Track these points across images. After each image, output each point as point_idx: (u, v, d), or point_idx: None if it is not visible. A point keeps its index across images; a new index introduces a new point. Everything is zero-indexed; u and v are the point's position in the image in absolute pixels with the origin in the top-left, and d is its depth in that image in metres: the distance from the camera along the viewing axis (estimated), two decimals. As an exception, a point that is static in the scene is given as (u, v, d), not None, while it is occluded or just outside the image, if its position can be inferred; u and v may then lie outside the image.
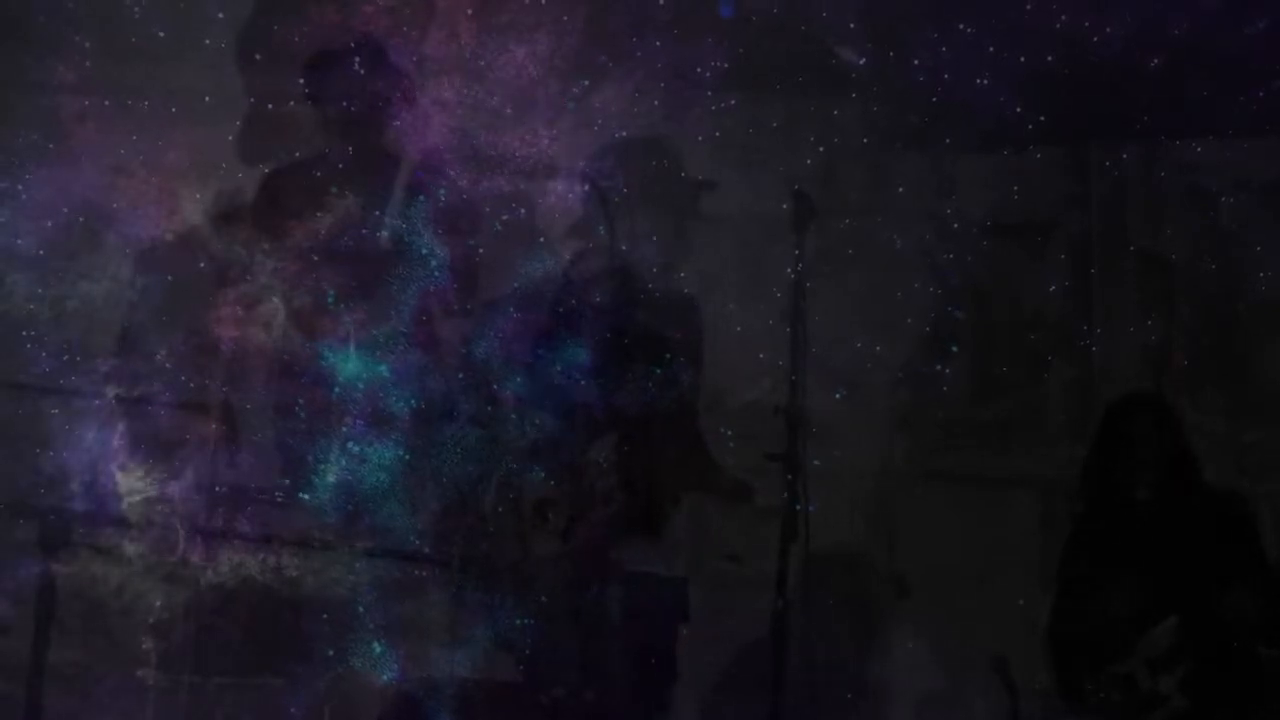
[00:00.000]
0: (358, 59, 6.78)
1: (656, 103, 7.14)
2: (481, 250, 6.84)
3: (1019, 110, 7.49)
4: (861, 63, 7.54)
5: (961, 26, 7.34)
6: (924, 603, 7.69)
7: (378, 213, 6.69)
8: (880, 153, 7.75)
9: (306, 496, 6.55)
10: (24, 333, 6.75)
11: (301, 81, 6.87)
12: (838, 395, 7.32)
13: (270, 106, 7.00)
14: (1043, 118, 7.60)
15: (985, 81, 7.33)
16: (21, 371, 6.75)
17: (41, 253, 6.77)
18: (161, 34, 6.90)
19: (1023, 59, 7.33)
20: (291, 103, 6.96)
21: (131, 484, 6.66)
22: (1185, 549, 6.59)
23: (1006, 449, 7.99)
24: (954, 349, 7.81)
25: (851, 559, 7.64)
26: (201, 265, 6.75)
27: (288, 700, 6.57)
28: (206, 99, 6.95)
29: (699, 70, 7.22)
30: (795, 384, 6.52)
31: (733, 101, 7.49)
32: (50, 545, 6.45)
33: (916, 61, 7.42)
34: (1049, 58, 7.33)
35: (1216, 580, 6.47)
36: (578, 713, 6.37)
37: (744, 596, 7.06)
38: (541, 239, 6.99)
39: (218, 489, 6.63)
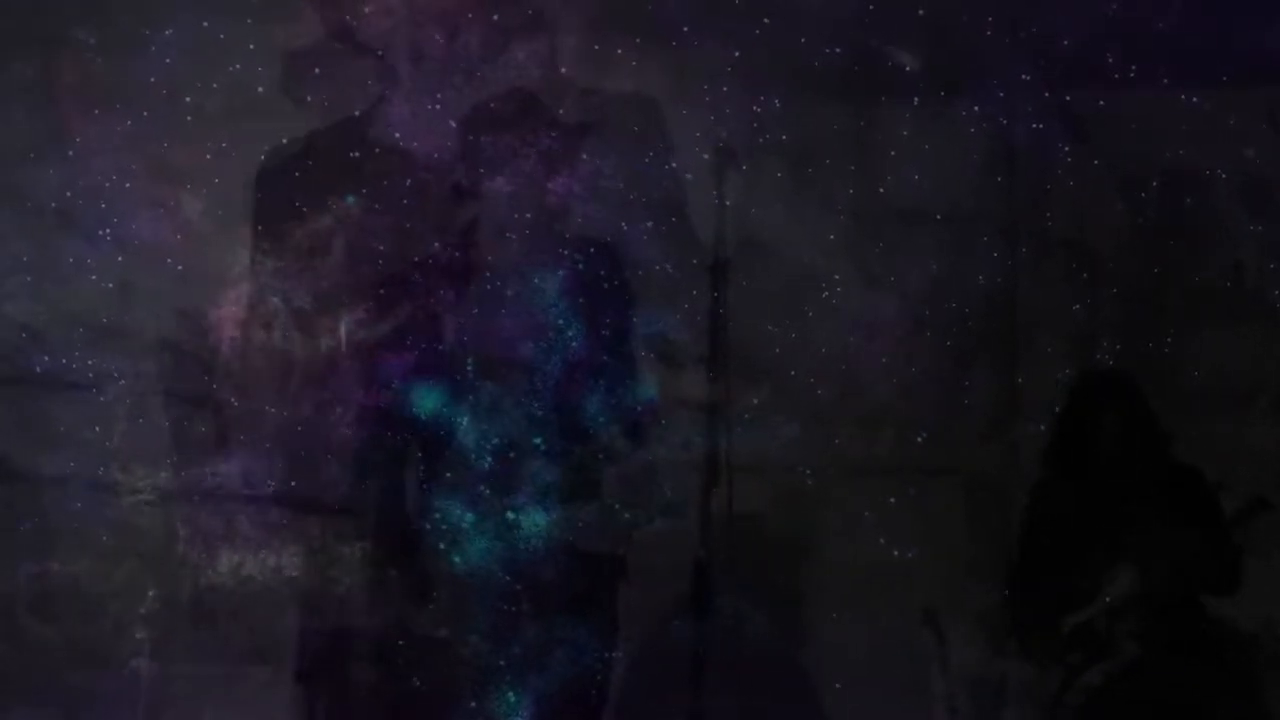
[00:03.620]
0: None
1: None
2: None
3: (943, 95, 7.59)
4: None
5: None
6: (848, 583, 7.79)
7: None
8: (802, 139, 7.78)
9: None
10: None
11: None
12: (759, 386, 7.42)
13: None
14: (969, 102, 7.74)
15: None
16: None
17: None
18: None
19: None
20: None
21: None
22: (1144, 504, 6.77)
23: (930, 442, 8.05)
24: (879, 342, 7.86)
25: (775, 547, 7.74)
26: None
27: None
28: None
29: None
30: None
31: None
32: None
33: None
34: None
35: (1171, 532, 6.65)
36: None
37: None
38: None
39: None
